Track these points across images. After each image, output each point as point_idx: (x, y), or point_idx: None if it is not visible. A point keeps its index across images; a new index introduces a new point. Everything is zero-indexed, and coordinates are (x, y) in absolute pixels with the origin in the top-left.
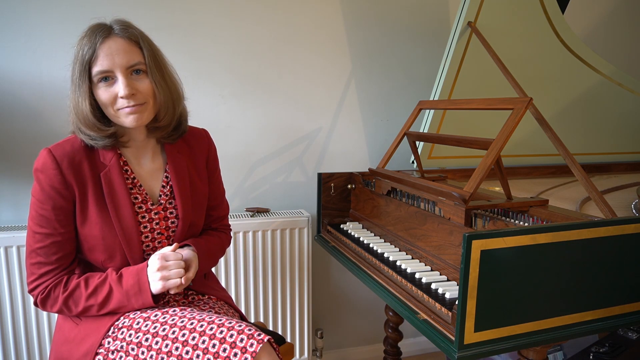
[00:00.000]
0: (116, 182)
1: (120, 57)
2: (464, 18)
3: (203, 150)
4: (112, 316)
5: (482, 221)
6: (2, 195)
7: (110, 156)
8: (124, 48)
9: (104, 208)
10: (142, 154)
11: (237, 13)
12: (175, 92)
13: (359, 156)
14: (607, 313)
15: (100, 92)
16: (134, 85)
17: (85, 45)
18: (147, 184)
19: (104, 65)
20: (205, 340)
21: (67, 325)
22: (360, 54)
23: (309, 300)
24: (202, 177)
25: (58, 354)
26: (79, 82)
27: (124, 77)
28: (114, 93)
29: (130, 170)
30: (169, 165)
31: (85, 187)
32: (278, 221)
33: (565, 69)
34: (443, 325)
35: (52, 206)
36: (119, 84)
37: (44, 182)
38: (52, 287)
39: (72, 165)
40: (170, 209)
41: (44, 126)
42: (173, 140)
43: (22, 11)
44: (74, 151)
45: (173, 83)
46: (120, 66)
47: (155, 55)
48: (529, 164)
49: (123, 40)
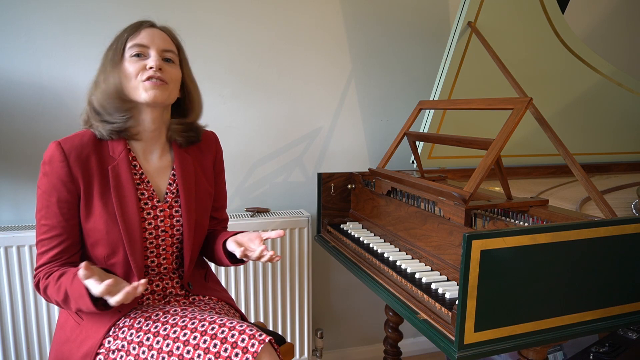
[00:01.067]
0: (124, 176)
1: (158, 40)
2: (464, 18)
3: (211, 152)
4: (113, 316)
5: (482, 221)
6: (2, 195)
7: (120, 149)
8: (163, 36)
9: (110, 202)
10: (150, 150)
11: (237, 13)
12: (198, 96)
13: (359, 156)
14: (607, 313)
15: (128, 64)
16: (163, 65)
17: (128, 29)
18: (154, 180)
19: (142, 40)
20: (207, 340)
21: (68, 325)
22: (360, 54)
23: (309, 300)
24: (209, 179)
25: (59, 353)
26: (112, 56)
27: (156, 53)
28: (143, 65)
29: (139, 165)
30: (175, 163)
31: (92, 182)
32: (278, 221)
33: (565, 69)
34: (443, 325)
35: (57, 198)
36: (151, 58)
37: (50, 174)
38: (48, 275)
39: (80, 158)
40: (176, 207)
41: (44, 126)
42: (184, 143)
43: (22, 11)
44: (83, 145)
45: (198, 88)
46: (157, 45)
47: (186, 58)
48: (529, 164)
49: (163, 33)
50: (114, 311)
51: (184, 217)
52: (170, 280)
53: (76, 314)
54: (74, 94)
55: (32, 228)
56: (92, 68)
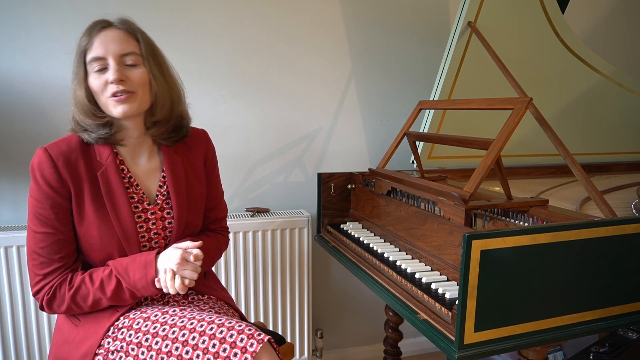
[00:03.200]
0: (113, 181)
1: (113, 45)
2: (464, 18)
3: (201, 150)
4: (111, 316)
5: (482, 221)
6: (2, 195)
7: (107, 154)
8: (119, 37)
9: (102, 207)
10: (138, 153)
11: (237, 13)
12: (174, 89)
13: (359, 156)
14: (607, 313)
15: (92, 79)
16: (124, 73)
17: (84, 36)
18: (143, 183)
19: (97, 52)
20: (205, 340)
21: (66, 326)
22: (360, 54)
23: (309, 300)
24: (200, 178)
25: (57, 354)
26: (76, 70)
27: (115, 63)
28: (104, 80)
29: (127, 169)
30: (165, 165)
31: (82, 186)
32: (278, 221)
33: (565, 69)
34: (443, 325)
35: (50, 205)
36: (110, 70)
37: (40, 180)
38: (57, 286)
39: (68, 163)
40: (167, 209)
41: (44, 126)
42: (171, 143)
43: (23, 11)
44: (70, 150)
45: (172, 80)
46: (113, 53)
47: (152, 49)
48: (529, 164)
49: (119, 31)
50: (113, 311)
51: (175, 218)
52: None
53: (73, 317)
54: None
55: None
56: None
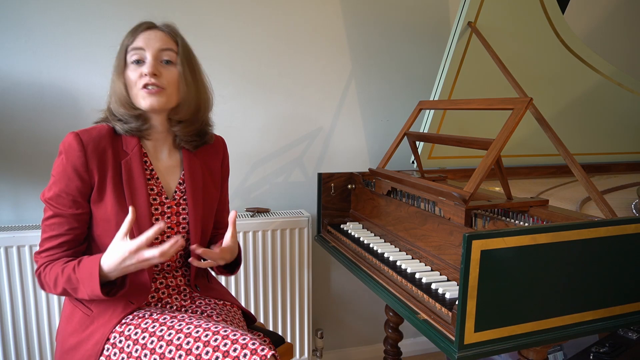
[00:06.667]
0: (135, 171)
1: (154, 42)
2: (464, 18)
3: (219, 155)
4: (125, 309)
5: (482, 221)
6: (2, 195)
7: (133, 145)
8: (161, 37)
9: (121, 194)
10: (160, 149)
11: (237, 13)
12: (202, 96)
13: (359, 156)
14: (607, 313)
15: (130, 71)
16: (159, 68)
17: (128, 34)
18: (164, 178)
19: (139, 43)
20: (209, 351)
21: (77, 316)
22: (360, 54)
23: (309, 300)
24: (216, 182)
25: (65, 345)
26: (117, 63)
27: (152, 58)
28: (139, 72)
29: (150, 162)
30: (185, 164)
31: (106, 173)
32: (278, 221)
33: (565, 69)
34: (443, 325)
35: (71, 187)
36: (147, 63)
37: (66, 162)
38: (48, 263)
39: (97, 150)
40: (183, 205)
41: (44, 126)
42: (193, 148)
43: (23, 12)
44: (100, 137)
45: (203, 86)
46: (153, 48)
47: (189, 54)
48: (529, 164)
49: (162, 33)
50: (127, 303)
51: (191, 214)
52: (174, 278)
53: (84, 305)
54: (74, 94)
55: (32, 228)
56: (92, 68)
